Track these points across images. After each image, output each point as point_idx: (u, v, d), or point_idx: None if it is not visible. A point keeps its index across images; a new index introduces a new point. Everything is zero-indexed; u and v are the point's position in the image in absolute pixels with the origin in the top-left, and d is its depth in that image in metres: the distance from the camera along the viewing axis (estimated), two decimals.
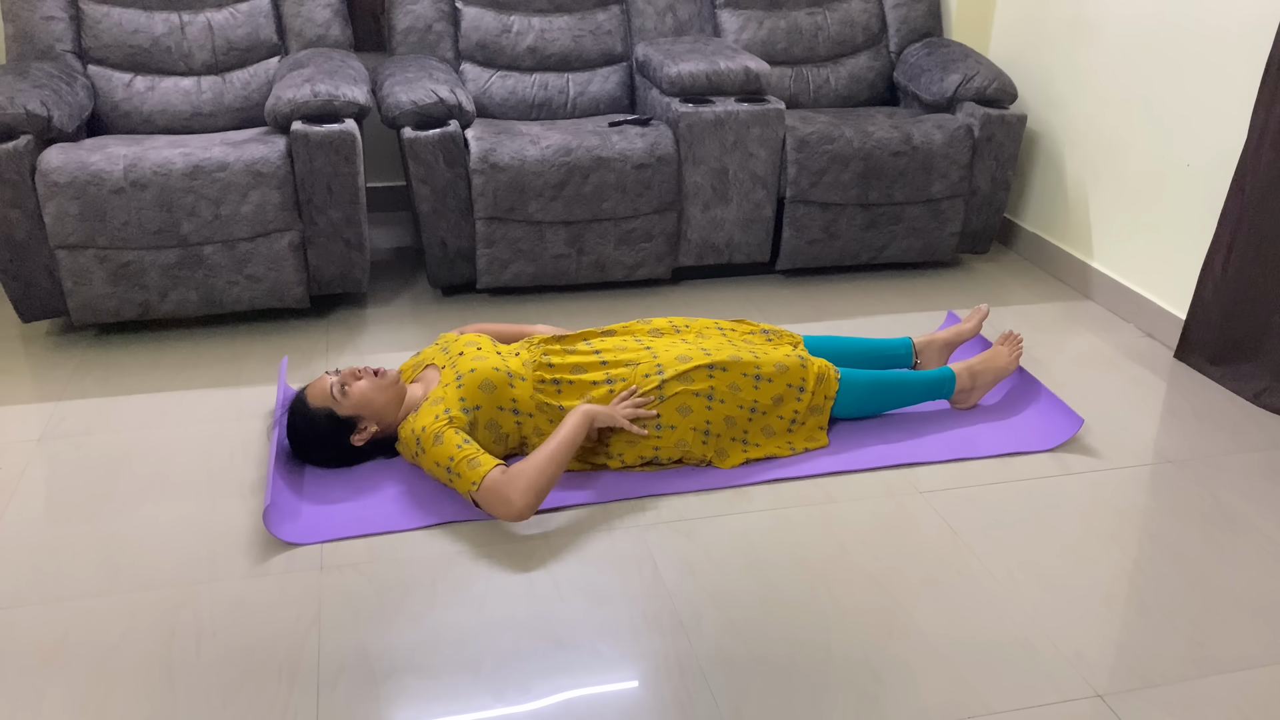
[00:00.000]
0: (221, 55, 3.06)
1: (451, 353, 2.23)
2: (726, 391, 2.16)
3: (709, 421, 2.16)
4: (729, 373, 2.16)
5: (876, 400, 2.34)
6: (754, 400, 2.19)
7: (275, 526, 1.95)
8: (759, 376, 2.18)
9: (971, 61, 3.24)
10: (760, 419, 2.21)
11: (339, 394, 2.09)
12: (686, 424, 2.14)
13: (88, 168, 2.51)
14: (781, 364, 2.21)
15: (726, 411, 2.17)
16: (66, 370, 2.60)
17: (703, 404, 2.14)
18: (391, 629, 1.73)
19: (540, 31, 3.30)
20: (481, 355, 2.16)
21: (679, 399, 2.12)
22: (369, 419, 2.12)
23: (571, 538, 1.98)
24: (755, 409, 2.19)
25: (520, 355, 2.21)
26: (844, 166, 3.06)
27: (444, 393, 2.10)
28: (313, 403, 2.11)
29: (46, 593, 1.81)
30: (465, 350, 2.20)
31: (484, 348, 2.21)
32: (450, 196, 2.84)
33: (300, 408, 2.13)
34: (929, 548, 1.97)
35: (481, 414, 2.09)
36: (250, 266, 2.70)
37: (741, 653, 1.70)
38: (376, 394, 2.12)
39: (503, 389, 2.11)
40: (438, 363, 2.24)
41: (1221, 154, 2.64)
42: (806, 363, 2.24)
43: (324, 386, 2.12)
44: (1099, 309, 3.10)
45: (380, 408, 2.12)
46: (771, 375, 2.19)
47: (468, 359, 2.15)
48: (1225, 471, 2.25)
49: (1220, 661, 1.70)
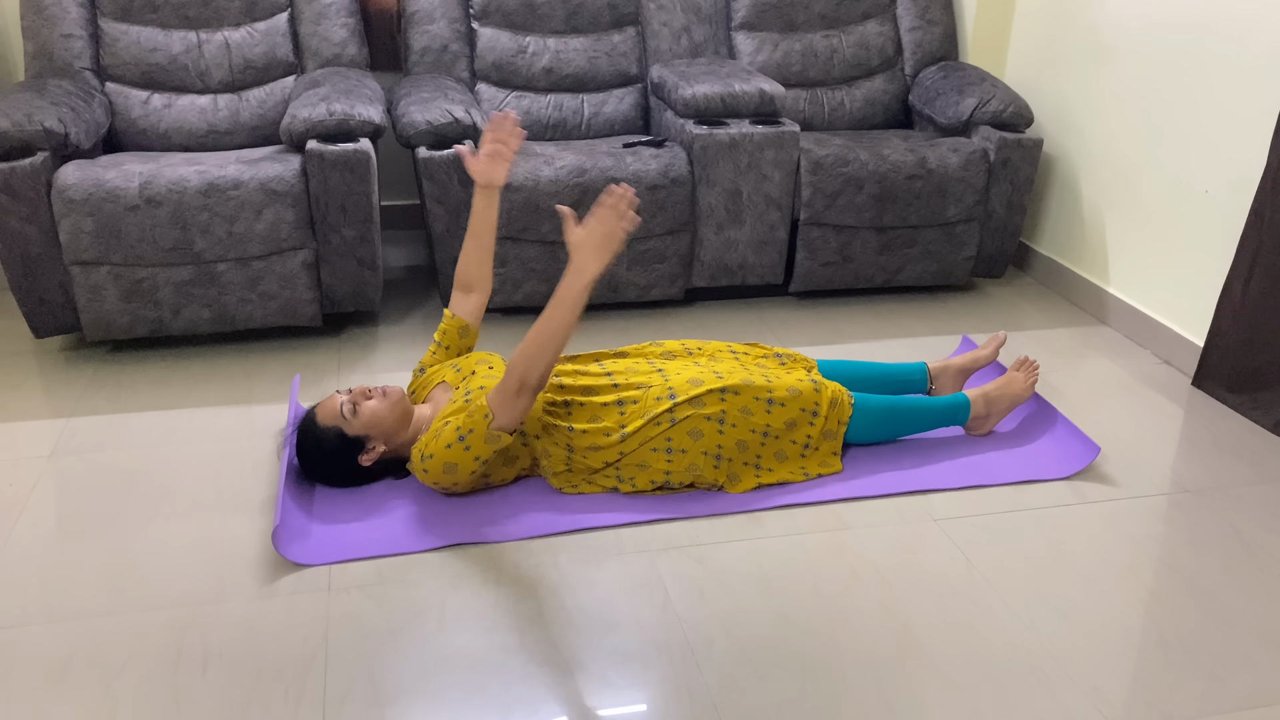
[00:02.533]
0: (238, 74, 3.07)
1: (463, 371, 2.22)
2: (738, 415, 2.14)
3: (720, 445, 2.14)
4: (741, 396, 2.14)
5: (890, 426, 2.32)
6: (766, 424, 2.17)
7: (284, 547, 1.94)
8: (771, 400, 2.17)
9: (988, 85, 3.24)
10: (773, 443, 2.19)
11: (349, 413, 2.08)
12: (698, 448, 2.12)
13: (103, 185, 2.52)
14: (794, 388, 2.19)
15: (738, 436, 2.15)
16: (78, 387, 2.60)
17: (714, 428, 2.12)
18: (399, 652, 1.72)
19: (556, 53, 3.31)
20: (492, 375, 2.14)
21: (690, 423, 2.11)
22: (377, 439, 2.11)
23: (581, 562, 1.96)
24: (768, 433, 2.17)
25: None
26: (859, 189, 3.05)
27: (452, 410, 2.09)
28: (322, 421, 2.11)
29: (53, 612, 1.80)
30: (477, 369, 2.19)
31: (495, 366, 2.20)
32: (464, 216, 2.84)
33: (309, 427, 2.12)
34: (943, 576, 1.95)
35: None
36: (263, 284, 2.70)
37: (753, 681, 1.67)
38: (387, 414, 2.11)
39: None
40: (449, 381, 2.23)
41: (1240, 180, 2.62)
42: (820, 387, 2.22)
43: (334, 406, 2.11)
44: (1115, 335, 3.07)
45: (390, 428, 2.11)
46: (784, 400, 2.17)
47: (479, 379, 2.14)
48: (1244, 502, 2.22)
49: (1241, 697, 1.67)
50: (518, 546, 2.00)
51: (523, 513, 2.09)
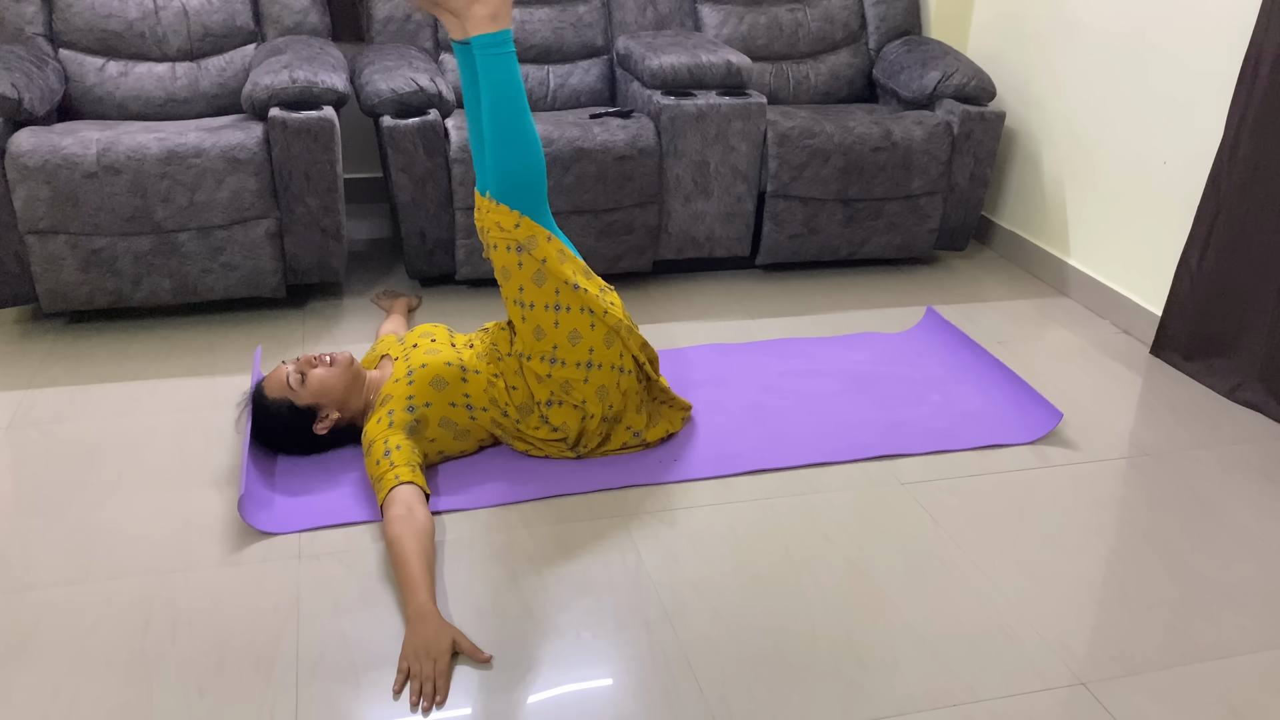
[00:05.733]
0: (197, 41, 3.01)
1: (406, 344, 2.19)
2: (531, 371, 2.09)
3: (585, 399, 2.09)
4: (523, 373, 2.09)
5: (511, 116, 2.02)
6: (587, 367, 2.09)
7: (250, 515, 1.92)
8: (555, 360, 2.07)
9: (951, 59, 3.26)
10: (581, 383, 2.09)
11: (296, 384, 2.05)
12: (569, 406, 2.09)
13: (59, 151, 2.46)
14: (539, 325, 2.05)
15: (585, 391, 2.10)
16: (35, 358, 2.55)
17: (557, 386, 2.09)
18: (372, 618, 1.71)
19: (520, 23, 3.28)
20: (435, 349, 2.11)
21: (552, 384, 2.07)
22: (329, 406, 2.08)
23: (554, 527, 1.96)
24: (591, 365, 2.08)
25: (475, 347, 2.17)
26: (824, 161, 3.06)
27: (393, 389, 2.06)
28: (270, 394, 2.07)
29: (15, 581, 1.76)
30: (419, 342, 2.16)
31: (438, 339, 2.17)
32: (430, 186, 2.81)
33: (260, 400, 2.09)
34: (911, 538, 1.97)
35: (432, 411, 2.04)
36: (226, 254, 2.66)
37: (726, 640, 1.69)
38: (335, 381, 2.07)
39: (455, 385, 2.06)
40: (392, 354, 2.21)
41: (1197, 151, 2.67)
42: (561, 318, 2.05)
43: (280, 377, 2.07)
44: (1075, 306, 3.12)
45: (341, 394, 2.08)
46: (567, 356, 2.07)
47: (420, 352, 2.11)
48: (1202, 464, 2.27)
49: (1201, 649, 1.71)
50: (490, 513, 2.00)
51: (492, 480, 2.09)
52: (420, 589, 1.69)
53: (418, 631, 1.63)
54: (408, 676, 1.58)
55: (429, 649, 1.60)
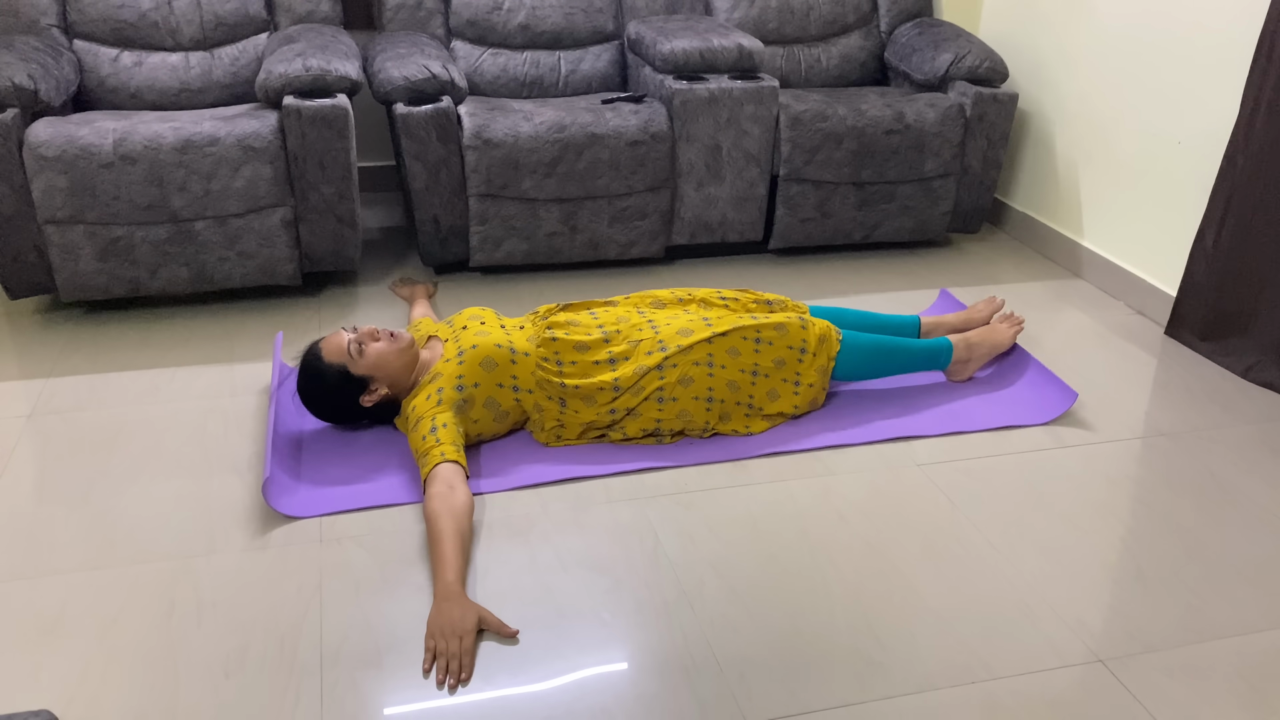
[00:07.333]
0: (210, 31, 3.02)
1: (455, 326, 2.21)
2: (726, 358, 2.16)
3: (711, 389, 2.16)
4: (729, 338, 2.16)
5: (876, 364, 2.33)
6: (755, 363, 2.19)
7: (274, 499, 1.94)
8: (760, 339, 2.19)
9: (963, 41, 3.25)
10: (764, 382, 2.21)
11: (355, 353, 2.07)
12: (689, 394, 2.14)
13: (76, 141, 2.48)
14: (782, 325, 2.21)
15: (729, 377, 2.17)
16: (55, 348, 2.57)
17: (704, 372, 2.14)
18: (393, 600, 1.73)
19: (532, 9, 3.28)
20: (485, 330, 2.15)
21: (680, 370, 2.12)
22: (381, 381, 2.10)
23: (572, 510, 1.98)
24: (757, 371, 2.19)
25: (525, 329, 2.20)
26: (837, 145, 3.06)
27: (444, 368, 2.09)
28: (327, 358, 2.09)
29: (41, 566, 1.79)
30: (469, 324, 2.19)
31: (488, 321, 2.20)
32: (443, 173, 2.82)
33: (314, 361, 2.10)
34: (927, 518, 1.98)
35: (480, 391, 2.08)
36: (242, 243, 2.67)
37: (744, 620, 1.70)
38: (394, 357, 2.10)
39: (504, 366, 2.10)
40: (441, 335, 2.23)
41: (1212, 131, 2.66)
42: (808, 324, 2.24)
43: (340, 343, 2.09)
44: (1089, 287, 3.12)
45: (395, 371, 2.11)
46: (772, 338, 2.19)
47: (470, 334, 2.13)
48: (1217, 444, 2.27)
49: (1217, 626, 1.72)
50: (508, 496, 2.01)
51: (511, 464, 2.10)
52: (450, 568, 1.72)
53: (444, 610, 1.65)
54: (435, 655, 1.60)
55: (455, 627, 1.62)
